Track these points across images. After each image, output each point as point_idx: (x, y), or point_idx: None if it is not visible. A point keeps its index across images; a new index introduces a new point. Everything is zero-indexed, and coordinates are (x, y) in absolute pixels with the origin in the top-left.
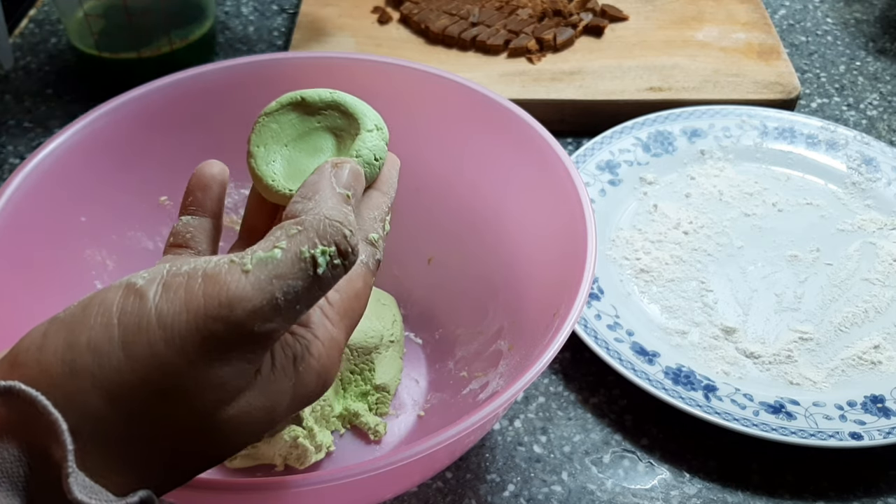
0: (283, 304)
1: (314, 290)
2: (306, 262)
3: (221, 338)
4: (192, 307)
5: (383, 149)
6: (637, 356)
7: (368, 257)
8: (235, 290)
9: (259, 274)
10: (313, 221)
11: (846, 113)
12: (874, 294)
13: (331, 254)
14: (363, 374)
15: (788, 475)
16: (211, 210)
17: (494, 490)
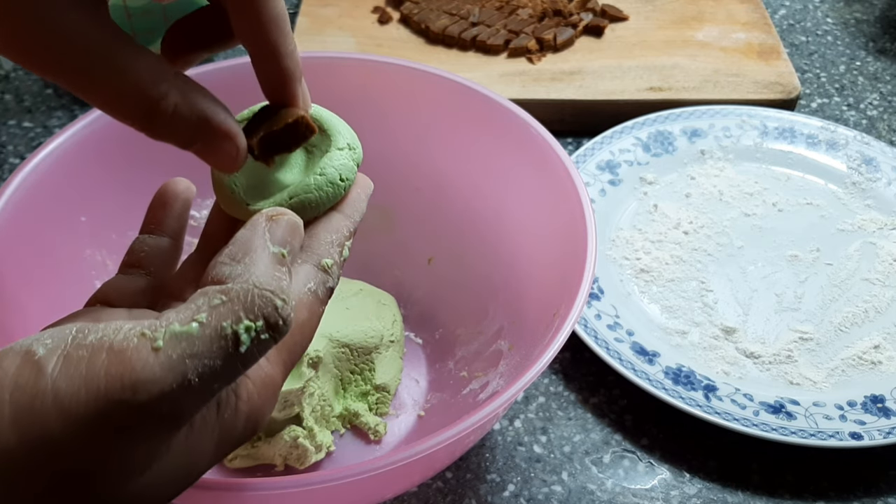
0: (197, 384)
1: (235, 369)
2: (227, 338)
3: (123, 422)
4: (91, 386)
5: (352, 169)
6: (637, 356)
7: (318, 284)
8: (141, 371)
9: (170, 352)
10: (240, 292)
11: (846, 113)
12: (874, 294)
13: (257, 328)
14: (363, 374)
15: (788, 475)
16: (170, 229)
17: (494, 490)
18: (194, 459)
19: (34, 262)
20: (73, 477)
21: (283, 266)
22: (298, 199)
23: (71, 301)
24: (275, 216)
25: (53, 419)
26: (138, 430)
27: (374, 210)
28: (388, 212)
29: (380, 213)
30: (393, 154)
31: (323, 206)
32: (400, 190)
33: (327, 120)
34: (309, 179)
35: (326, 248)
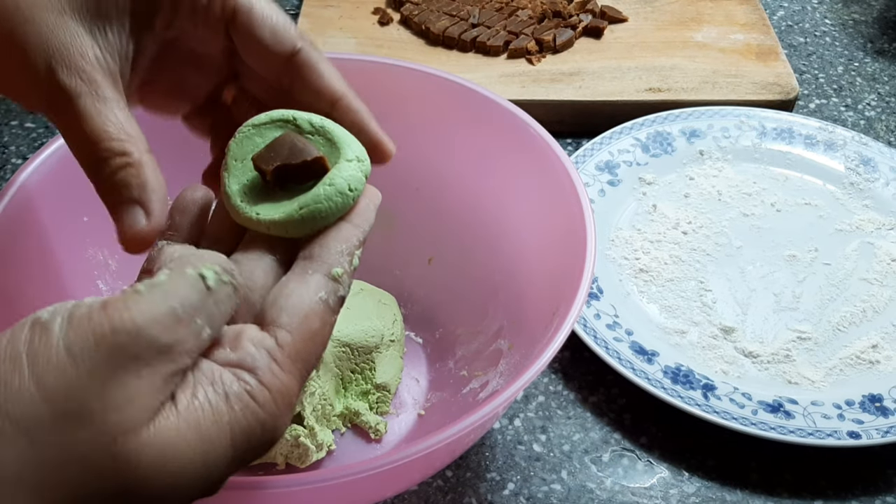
0: (183, 314)
1: (209, 304)
2: (193, 277)
3: (127, 349)
4: (96, 330)
5: (360, 180)
6: (636, 355)
7: (329, 294)
8: (135, 305)
9: (154, 293)
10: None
11: (844, 113)
12: (872, 294)
13: (216, 270)
14: (364, 374)
15: (787, 474)
16: (188, 235)
17: (494, 488)
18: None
19: (37, 262)
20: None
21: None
22: (308, 210)
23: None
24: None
25: (66, 363)
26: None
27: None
28: (388, 212)
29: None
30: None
31: (332, 216)
32: (400, 190)
33: (337, 133)
34: (319, 190)
35: (336, 258)
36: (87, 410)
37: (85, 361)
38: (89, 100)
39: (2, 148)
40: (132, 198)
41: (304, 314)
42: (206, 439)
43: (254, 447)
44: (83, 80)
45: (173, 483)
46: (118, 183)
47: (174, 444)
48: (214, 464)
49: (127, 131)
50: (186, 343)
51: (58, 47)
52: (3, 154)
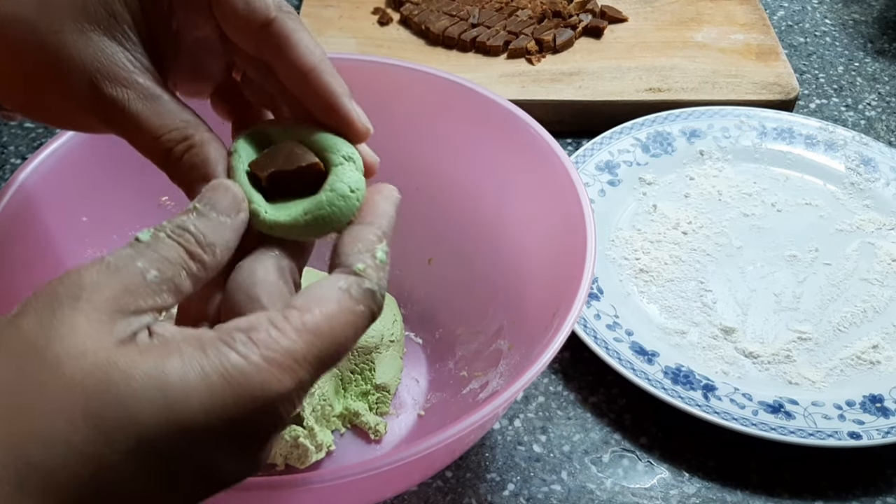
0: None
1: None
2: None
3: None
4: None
5: (359, 178)
6: (636, 356)
7: (350, 284)
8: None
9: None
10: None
11: (845, 113)
12: (873, 294)
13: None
14: (363, 374)
15: (787, 474)
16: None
17: (494, 489)
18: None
19: (36, 262)
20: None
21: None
22: (313, 216)
23: None
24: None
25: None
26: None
27: None
28: None
29: None
30: (393, 154)
31: (339, 219)
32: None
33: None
34: (321, 196)
35: (355, 256)
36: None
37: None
38: (139, 103)
39: (1, 148)
40: (200, 175)
41: (317, 296)
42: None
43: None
44: (127, 86)
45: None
46: (185, 165)
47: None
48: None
49: (182, 118)
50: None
51: (94, 64)
52: (2, 154)
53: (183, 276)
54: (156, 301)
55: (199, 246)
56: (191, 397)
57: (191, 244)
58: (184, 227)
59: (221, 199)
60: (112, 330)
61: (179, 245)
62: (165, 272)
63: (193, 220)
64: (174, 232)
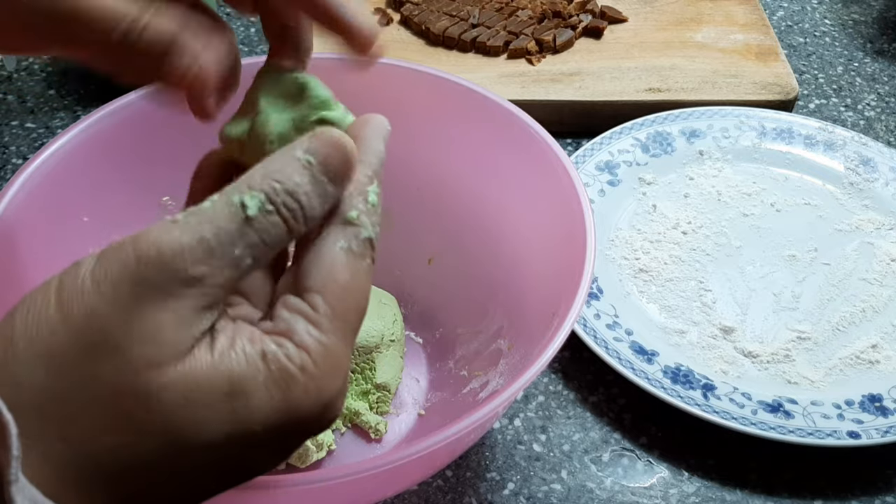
0: (215, 244)
1: (249, 235)
2: (235, 206)
3: (151, 279)
4: (122, 259)
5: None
6: (636, 355)
7: (348, 240)
8: (162, 234)
9: (188, 220)
10: (246, 175)
11: (844, 114)
12: (872, 294)
13: (261, 199)
14: (364, 373)
15: (786, 474)
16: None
17: (494, 488)
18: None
19: (37, 262)
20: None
21: (306, 170)
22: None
23: None
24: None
25: (91, 292)
26: (167, 290)
27: None
28: (388, 213)
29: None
30: (393, 155)
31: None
32: (400, 190)
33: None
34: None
35: (347, 201)
36: (111, 342)
37: (109, 292)
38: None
39: (2, 148)
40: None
41: (328, 270)
42: (237, 391)
43: (302, 416)
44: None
45: (196, 430)
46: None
47: (200, 388)
48: (248, 421)
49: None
50: (220, 275)
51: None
52: (3, 154)
53: (272, 255)
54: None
55: (303, 222)
56: (255, 417)
57: (297, 220)
58: (296, 195)
59: (337, 162)
60: (193, 330)
61: (285, 224)
62: (260, 258)
63: (307, 185)
64: (286, 205)
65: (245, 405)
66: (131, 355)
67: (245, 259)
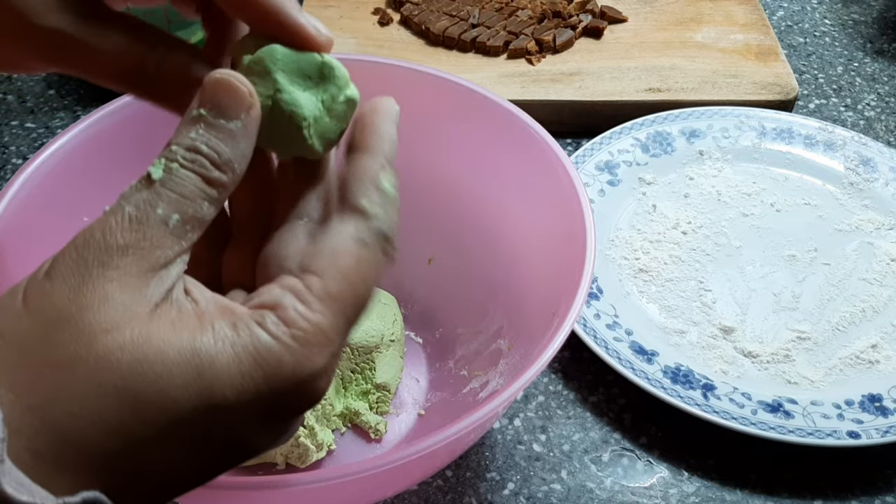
0: (134, 212)
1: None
2: (143, 178)
3: (90, 258)
4: (67, 251)
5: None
6: (636, 355)
7: (359, 229)
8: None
9: (112, 206)
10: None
11: (844, 114)
12: (872, 294)
13: (162, 163)
14: (364, 373)
15: (786, 473)
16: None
17: (494, 488)
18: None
19: (37, 262)
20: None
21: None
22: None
23: None
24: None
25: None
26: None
27: None
28: None
29: None
30: None
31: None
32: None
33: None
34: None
35: (359, 191)
36: (65, 314)
37: (59, 277)
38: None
39: (2, 148)
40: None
41: (330, 253)
42: (203, 353)
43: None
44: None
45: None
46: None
47: (159, 350)
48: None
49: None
50: (150, 236)
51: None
52: (3, 154)
53: (205, 207)
54: (182, 245)
55: (216, 168)
56: (223, 379)
57: (207, 169)
58: (195, 148)
59: (227, 98)
60: (145, 293)
61: (195, 174)
62: (186, 211)
63: (203, 134)
64: (186, 159)
65: (211, 369)
66: (84, 322)
67: (172, 216)
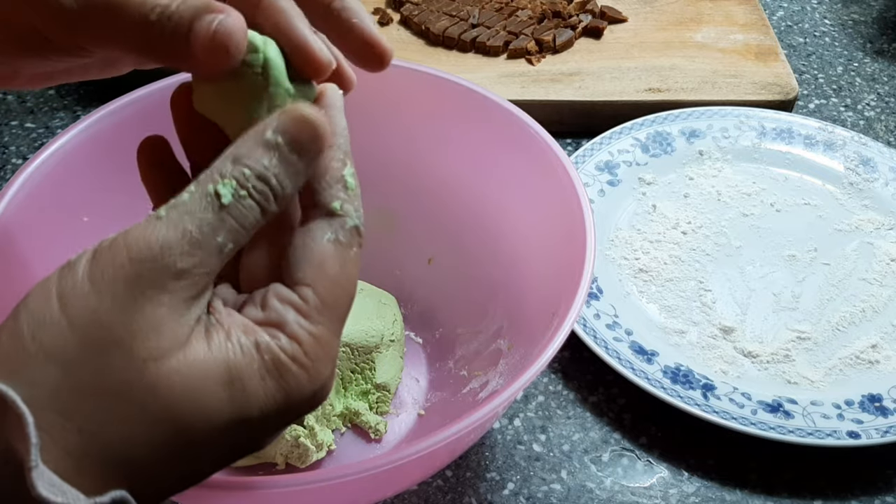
0: (199, 235)
1: (227, 221)
2: (211, 196)
3: (144, 276)
4: (115, 259)
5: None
6: (636, 355)
7: (336, 231)
8: (149, 231)
9: (171, 215)
10: (217, 163)
11: (844, 114)
12: (871, 294)
13: (233, 185)
14: (364, 373)
15: (786, 474)
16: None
17: (494, 488)
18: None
19: (37, 262)
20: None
21: (271, 150)
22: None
23: None
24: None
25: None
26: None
27: (374, 211)
28: (388, 213)
29: (380, 215)
30: (393, 155)
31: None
32: (400, 191)
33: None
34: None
35: (328, 192)
36: (115, 338)
37: (107, 291)
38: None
39: (2, 148)
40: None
41: (318, 262)
42: (235, 378)
43: (295, 401)
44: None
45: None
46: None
47: (201, 377)
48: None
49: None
50: (206, 264)
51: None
52: (3, 154)
53: (250, 236)
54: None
55: (275, 202)
56: (251, 400)
57: (269, 202)
58: (266, 179)
59: (309, 140)
60: (190, 314)
61: (258, 206)
62: (239, 241)
63: (276, 165)
64: (256, 189)
65: (242, 392)
66: (135, 349)
67: (227, 245)
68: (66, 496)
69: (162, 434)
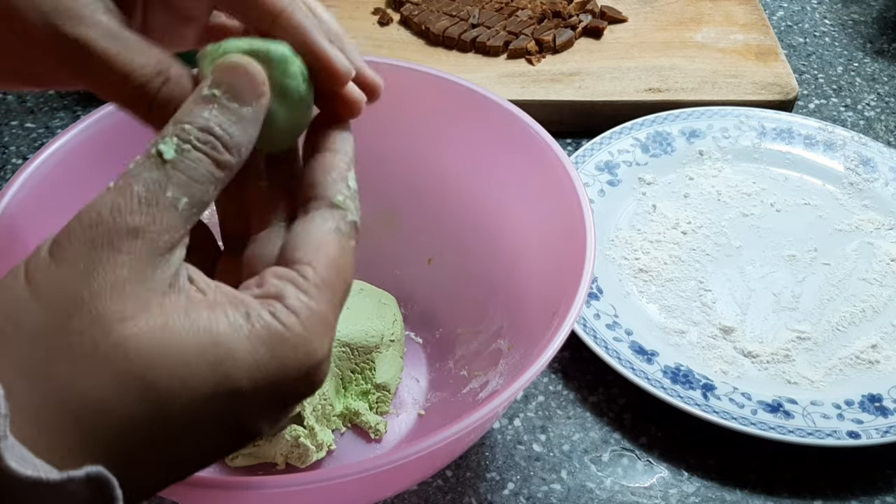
0: (144, 192)
1: (174, 175)
2: (153, 156)
3: (98, 239)
4: (73, 230)
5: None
6: (636, 355)
7: (337, 221)
8: (100, 200)
9: (118, 183)
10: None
11: (844, 114)
12: (872, 294)
13: (175, 142)
14: (364, 373)
15: (786, 474)
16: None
17: (494, 488)
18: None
19: None
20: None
21: (209, 103)
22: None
23: None
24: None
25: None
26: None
27: (375, 211)
28: (388, 213)
29: (381, 214)
30: (393, 155)
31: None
32: (400, 191)
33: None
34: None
35: (332, 187)
36: (78, 301)
37: (66, 260)
38: (105, 41)
39: (2, 148)
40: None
41: (317, 244)
42: (218, 343)
43: (291, 375)
44: (90, 25)
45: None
46: (164, 101)
47: (176, 340)
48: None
49: (154, 53)
50: (160, 219)
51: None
52: (3, 154)
53: (210, 191)
54: (186, 228)
55: (226, 151)
56: (240, 368)
57: (218, 151)
58: (208, 129)
59: (242, 83)
60: (155, 277)
61: (207, 156)
62: (195, 195)
63: (216, 115)
64: (199, 140)
65: (228, 358)
66: (99, 309)
67: (180, 199)
68: (36, 469)
69: (137, 402)
